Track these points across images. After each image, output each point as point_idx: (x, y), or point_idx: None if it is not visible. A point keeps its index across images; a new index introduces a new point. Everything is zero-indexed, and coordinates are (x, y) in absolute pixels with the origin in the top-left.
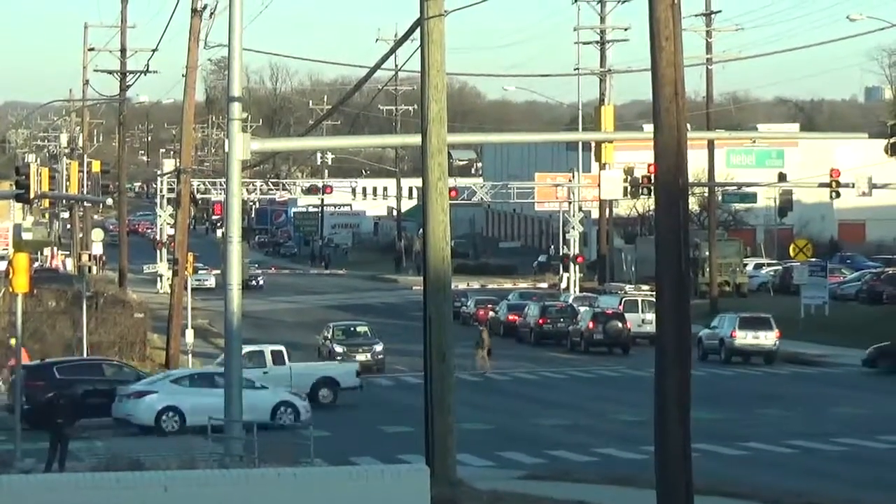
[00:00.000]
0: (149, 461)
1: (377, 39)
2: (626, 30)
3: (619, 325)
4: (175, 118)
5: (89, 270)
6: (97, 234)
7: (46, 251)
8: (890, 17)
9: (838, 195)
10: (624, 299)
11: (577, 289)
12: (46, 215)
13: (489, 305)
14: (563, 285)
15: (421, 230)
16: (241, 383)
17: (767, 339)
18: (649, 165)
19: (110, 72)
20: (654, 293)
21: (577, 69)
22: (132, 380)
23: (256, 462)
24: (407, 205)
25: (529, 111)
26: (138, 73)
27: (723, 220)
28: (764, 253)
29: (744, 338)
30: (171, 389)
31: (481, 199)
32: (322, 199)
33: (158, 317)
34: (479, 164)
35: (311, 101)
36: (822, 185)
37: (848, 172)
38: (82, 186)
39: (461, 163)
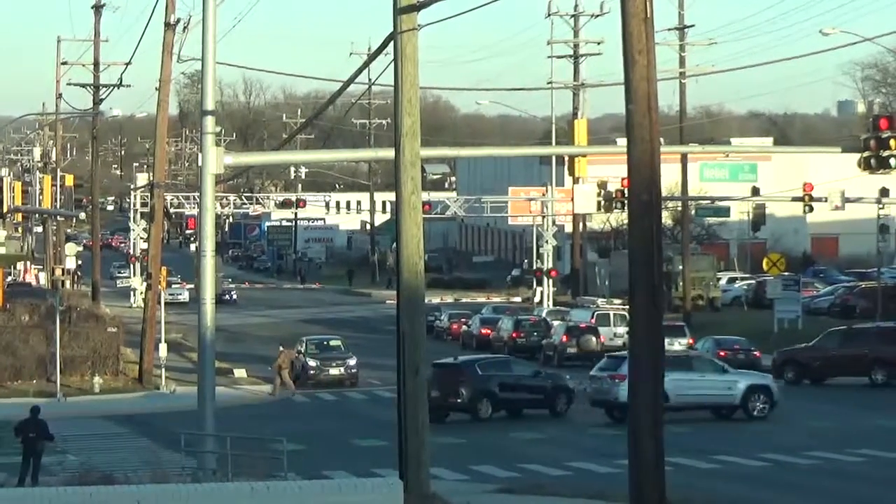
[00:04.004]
0: (122, 475)
1: (351, 53)
2: (599, 44)
3: (593, 339)
4: (148, 132)
5: (63, 285)
6: (70, 249)
7: (20, 265)
8: (863, 31)
9: (811, 209)
10: (596, 313)
11: (551, 303)
12: (20, 229)
13: (462, 319)
14: (537, 299)
15: (394, 244)
16: (213, 397)
17: (680, 345)
18: (622, 179)
19: (83, 85)
20: (626, 307)
21: (551, 83)
22: (529, 374)
23: (230, 476)
24: (380, 219)
25: (503, 125)
26: (111, 87)
27: (696, 235)
28: (737, 267)
29: None
30: None
31: (455, 213)
32: (296, 214)
33: (132, 331)
34: (453, 179)
35: (284, 115)
36: (795, 199)
37: (821, 186)
38: (55, 200)
39: (435, 177)
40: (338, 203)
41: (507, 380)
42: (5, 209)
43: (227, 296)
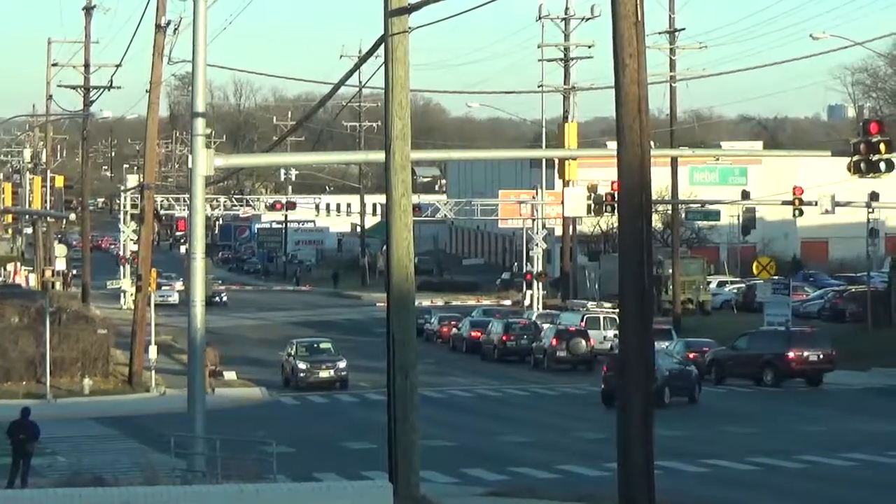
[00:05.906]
0: (111, 477)
1: (341, 56)
2: (590, 47)
3: (583, 342)
4: (139, 134)
5: (53, 286)
6: (60, 250)
7: (10, 266)
8: (853, 35)
9: (801, 213)
10: (585, 316)
11: (541, 306)
12: (10, 230)
13: (452, 322)
14: (527, 302)
15: (384, 247)
16: (203, 399)
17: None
18: (613, 183)
19: (74, 87)
20: (615, 310)
21: (541, 86)
22: (682, 366)
23: (219, 478)
24: (370, 221)
25: (493, 128)
26: (102, 89)
27: (686, 238)
28: (727, 271)
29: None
30: None
31: (445, 216)
32: (286, 216)
33: (122, 333)
34: (443, 181)
35: (275, 118)
36: (785, 202)
37: (811, 190)
38: (45, 202)
39: (425, 180)
40: (328, 205)
41: (674, 369)
42: None
43: (217, 298)
